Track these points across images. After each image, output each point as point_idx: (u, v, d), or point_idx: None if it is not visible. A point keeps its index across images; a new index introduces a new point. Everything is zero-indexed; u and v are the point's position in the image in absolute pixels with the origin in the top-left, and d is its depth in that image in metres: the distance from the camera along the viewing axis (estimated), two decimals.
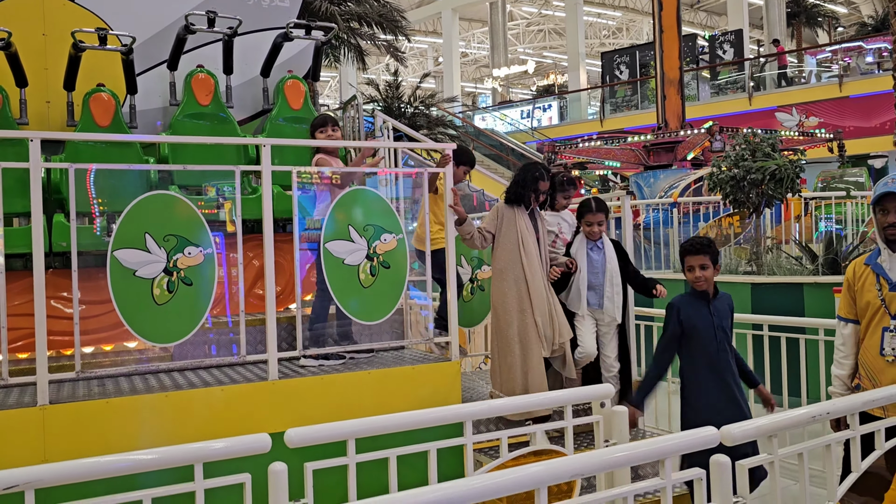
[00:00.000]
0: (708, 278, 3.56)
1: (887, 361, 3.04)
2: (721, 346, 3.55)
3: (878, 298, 3.09)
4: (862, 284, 3.20)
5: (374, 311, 4.12)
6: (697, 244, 3.58)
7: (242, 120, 5.50)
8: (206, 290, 3.66)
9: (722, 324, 3.59)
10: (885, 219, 3.08)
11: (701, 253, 3.55)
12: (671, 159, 13.93)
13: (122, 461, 1.98)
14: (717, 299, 3.64)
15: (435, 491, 1.76)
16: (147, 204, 3.60)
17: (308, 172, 4.43)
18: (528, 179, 4.39)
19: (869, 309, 3.14)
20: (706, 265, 3.53)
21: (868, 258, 3.24)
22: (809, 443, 2.39)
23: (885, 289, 3.08)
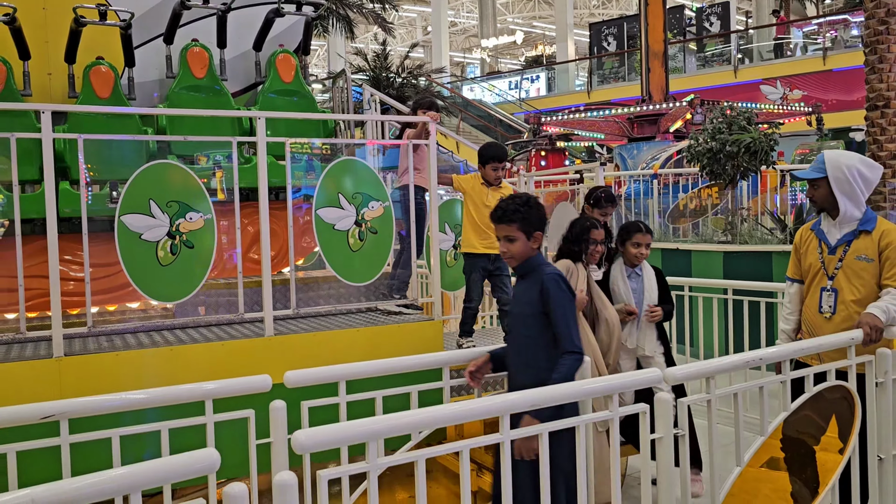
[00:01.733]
0: (514, 253, 2.92)
1: (825, 318, 3.38)
2: (514, 327, 3.02)
3: (819, 261, 3.43)
4: (806, 248, 3.55)
5: (363, 273, 4.43)
6: (499, 211, 2.93)
7: (236, 92, 5.73)
8: (206, 253, 3.95)
9: (516, 306, 3.04)
10: (808, 192, 3.54)
11: (503, 222, 2.91)
12: (654, 131, 14.23)
13: (144, 394, 2.28)
14: (526, 278, 2.98)
15: (417, 414, 2.09)
16: (151, 172, 3.87)
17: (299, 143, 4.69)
18: (578, 232, 4.00)
19: (811, 270, 3.48)
20: (512, 236, 2.89)
21: (813, 224, 3.58)
22: (743, 384, 2.72)
23: (825, 252, 3.42)
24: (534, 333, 2.87)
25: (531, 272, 2.93)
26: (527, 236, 2.89)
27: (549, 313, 2.81)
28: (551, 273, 2.88)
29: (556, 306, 2.80)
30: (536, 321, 2.84)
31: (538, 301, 2.84)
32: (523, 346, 2.90)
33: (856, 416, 3.06)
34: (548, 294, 2.82)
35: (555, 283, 2.83)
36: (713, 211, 10.22)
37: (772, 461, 3.39)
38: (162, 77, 5.54)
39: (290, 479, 1.81)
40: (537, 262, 2.95)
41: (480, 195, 4.73)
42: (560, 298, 2.81)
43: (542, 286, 2.83)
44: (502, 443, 2.15)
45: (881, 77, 9.01)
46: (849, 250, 3.35)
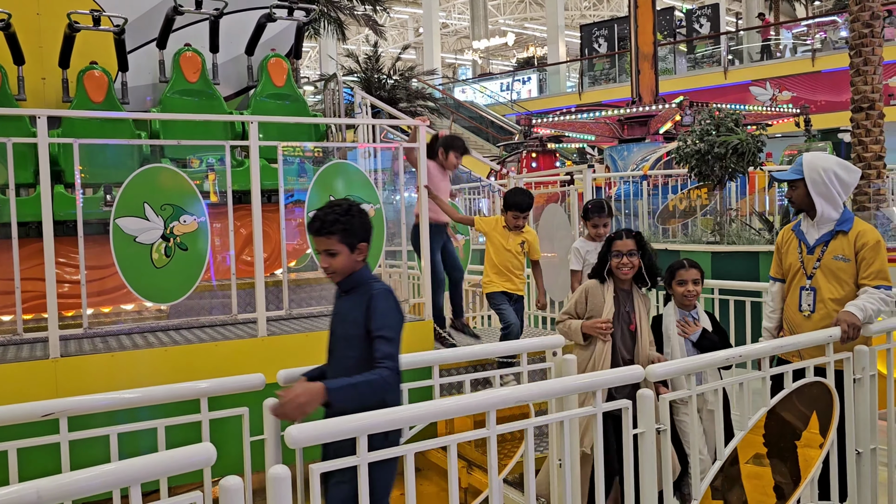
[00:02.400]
0: (336, 268, 2.61)
1: (804, 316, 3.47)
2: (338, 348, 2.72)
3: (798, 261, 3.52)
4: (787, 248, 3.64)
5: None
6: (317, 221, 2.61)
7: (228, 96, 5.79)
8: (200, 255, 4.02)
9: (339, 325, 2.71)
10: (786, 193, 3.66)
11: (321, 234, 2.59)
12: (644, 133, 14.34)
13: (140, 393, 2.35)
14: (351, 294, 2.66)
15: (407, 409, 2.16)
16: (145, 176, 3.93)
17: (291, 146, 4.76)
18: (603, 249, 3.68)
19: (791, 270, 3.57)
20: (332, 250, 2.58)
21: (795, 225, 3.67)
22: (725, 381, 2.80)
23: (804, 252, 3.51)
24: (361, 354, 2.57)
25: (356, 288, 2.64)
26: (350, 248, 2.60)
27: (370, 326, 2.53)
28: (381, 288, 2.60)
29: (379, 317, 2.52)
30: (364, 341, 2.57)
31: (363, 318, 2.56)
32: (349, 368, 2.57)
33: (834, 411, 3.15)
34: (374, 309, 2.54)
35: (383, 297, 2.57)
36: (702, 212, 10.33)
37: (756, 457, 3.48)
38: (155, 81, 5.59)
39: (284, 472, 1.88)
40: (364, 277, 2.65)
41: (501, 238, 4.80)
42: (386, 311, 2.54)
43: (368, 302, 2.55)
44: (489, 438, 2.23)
45: (866, 79, 9.14)
46: (826, 250, 3.43)
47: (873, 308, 3.27)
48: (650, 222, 10.89)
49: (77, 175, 3.85)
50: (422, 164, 4.66)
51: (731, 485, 3.03)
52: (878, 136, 9.32)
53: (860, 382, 3.21)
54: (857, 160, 9.35)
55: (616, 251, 3.50)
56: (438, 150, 5.13)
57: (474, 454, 4.16)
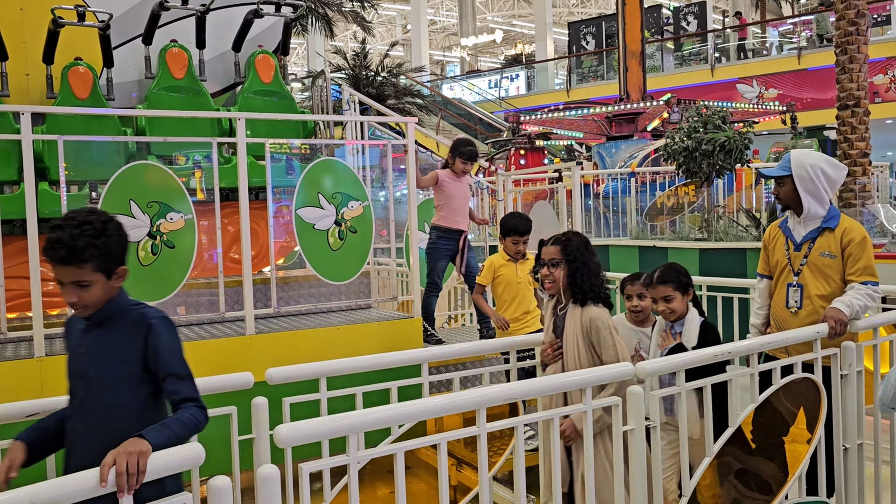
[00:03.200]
0: (89, 301, 2.09)
1: (791, 313, 3.48)
2: (90, 396, 2.14)
3: (785, 257, 3.53)
4: (774, 244, 3.65)
5: (343, 272, 4.48)
6: (62, 248, 2.01)
7: (215, 93, 5.75)
8: (187, 253, 3.98)
9: (92, 367, 2.14)
10: (773, 190, 3.66)
11: (71, 264, 2.03)
12: (632, 130, 14.37)
13: None
14: (107, 327, 2.15)
15: (396, 408, 2.15)
16: (131, 173, 3.90)
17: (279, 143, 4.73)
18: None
19: (778, 266, 3.58)
20: (85, 281, 2.04)
21: (781, 222, 3.68)
22: (713, 377, 2.81)
23: (791, 248, 3.52)
24: (126, 401, 2.11)
25: (113, 319, 2.13)
26: (107, 275, 2.09)
27: (156, 365, 2.09)
28: (157, 316, 2.14)
29: (167, 353, 2.10)
30: (132, 384, 2.11)
31: (137, 355, 2.10)
32: (106, 420, 2.08)
33: (822, 407, 3.16)
34: (158, 344, 2.09)
35: (165, 328, 2.13)
36: (689, 209, 10.36)
37: None
38: (141, 77, 5.55)
39: (273, 471, 1.87)
40: (123, 305, 2.15)
41: (509, 272, 4.67)
42: (172, 345, 2.13)
43: (146, 336, 2.09)
44: (479, 436, 2.22)
45: (851, 77, 9.20)
46: (813, 247, 3.45)
47: (860, 304, 3.29)
48: (638, 219, 10.92)
49: (62, 172, 3.80)
50: (410, 164, 4.65)
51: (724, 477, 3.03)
52: (864, 134, 9.38)
53: (847, 378, 3.23)
54: (843, 157, 9.41)
55: (541, 261, 3.08)
56: (447, 156, 5.09)
57: (464, 452, 4.16)
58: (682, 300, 3.30)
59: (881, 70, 18.95)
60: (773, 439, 3.26)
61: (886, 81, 19.20)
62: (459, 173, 5.05)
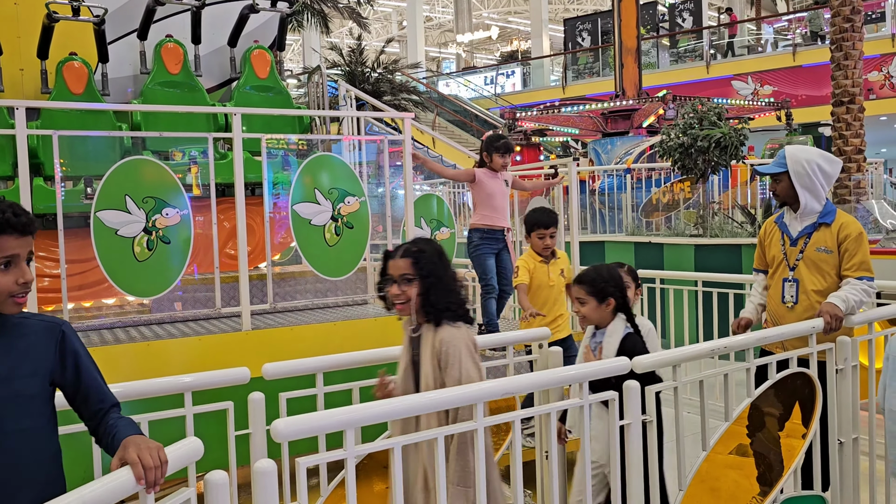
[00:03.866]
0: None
1: (787, 308, 3.50)
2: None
3: (781, 252, 3.54)
4: (770, 240, 3.66)
5: (339, 268, 4.48)
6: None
7: (211, 88, 5.74)
8: (182, 248, 3.97)
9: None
10: (769, 187, 3.64)
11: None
12: (628, 126, 14.40)
13: (121, 388, 2.31)
14: (5, 338, 1.79)
15: (392, 403, 2.15)
16: (126, 168, 3.88)
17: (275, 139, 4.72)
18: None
19: (774, 261, 3.59)
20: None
21: (777, 217, 3.69)
22: (709, 372, 2.82)
23: (787, 244, 3.53)
24: (41, 422, 1.84)
25: (8, 328, 1.80)
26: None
27: (75, 377, 1.87)
28: (63, 321, 1.90)
29: (89, 360, 1.91)
30: (46, 401, 1.86)
31: (56, 368, 1.84)
32: (13, 449, 1.77)
33: (817, 401, 3.17)
34: (76, 349, 1.88)
35: (75, 335, 1.91)
36: (685, 205, 10.38)
37: (740, 447, 3.51)
38: (136, 73, 5.53)
39: (270, 466, 1.86)
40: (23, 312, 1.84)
41: (541, 276, 4.47)
42: (85, 351, 1.91)
43: (61, 346, 1.85)
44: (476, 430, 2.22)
45: (846, 73, 9.21)
46: (809, 242, 3.46)
47: (855, 299, 3.30)
48: (633, 216, 10.94)
49: (57, 167, 3.78)
50: (407, 159, 4.65)
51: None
52: (859, 130, 9.40)
53: (842, 373, 3.24)
54: (838, 153, 9.43)
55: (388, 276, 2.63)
56: (482, 154, 4.91)
57: None
58: (598, 308, 3.01)
59: (876, 67, 18.99)
60: (768, 435, 3.27)
61: (881, 78, 19.25)
62: (499, 168, 4.86)
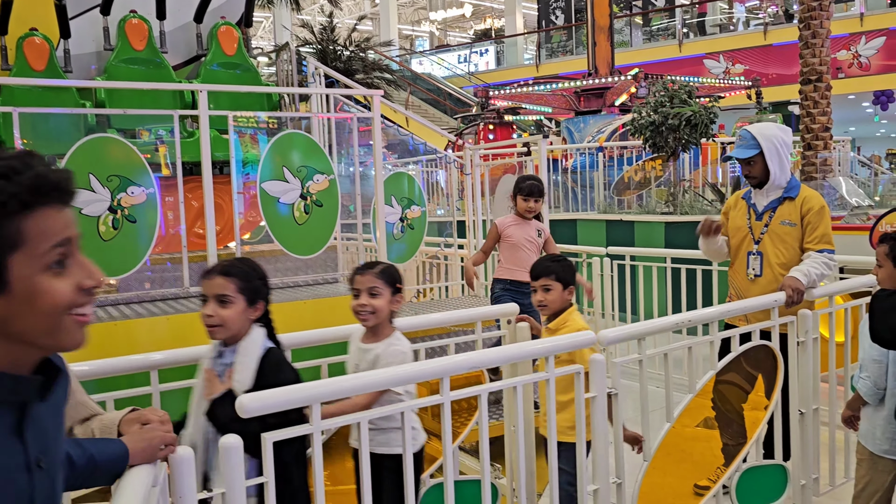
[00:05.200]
0: None
1: (750, 280, 3.56)
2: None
3: (747, 226, 3.60)
4: (736, 211, 3.72)
5: (309, 246, 4.46)
6: None
7: (177, 65, 5.64)
8: (149, 228, 3.93)
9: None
10: (742, 171, 3.66)
11: None
12: (600, 105, 14.43)
13: (90, 366, 2.30)
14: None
15: (358, 378, 2.16)
16: (89, 146, 3.82)
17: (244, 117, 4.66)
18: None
19: (738, 234, 3.65)
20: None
21: (745, 193, 3.74)
22: (673, 345, 2.87)
23: (753, 218, 3.59)
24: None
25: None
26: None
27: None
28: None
29: None
30: None
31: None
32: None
33: (778, 373, 3.25)
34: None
35: None
36: (656, 183, 10.46)
37: (706, 421, 3.58)
38: (100, 49, 5.42)
39: (235, 441, 1.87)
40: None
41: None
42: None
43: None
44: (442, 404, 2.24)
45: (814, 52, 9.31)
46: (774, 216, 3.52)
47: (817, 273, 3.37)
48: (606, 194, 11.01)
49: (18, 145, 3.71)
50: (377, 136, 4.62)
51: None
52: (826, 108, 9.52)
53: (803, 345, 3.31)
54: (805, 132, 9.56)
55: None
56: (517, 198, 4.61)
57: (430, 423, 4.18)
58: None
59: (844, 46, 19.21)
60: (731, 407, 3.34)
61: (849, 57, 19.48)
62: (524, 213, 4.55)
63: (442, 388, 2.23)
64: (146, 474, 1.48)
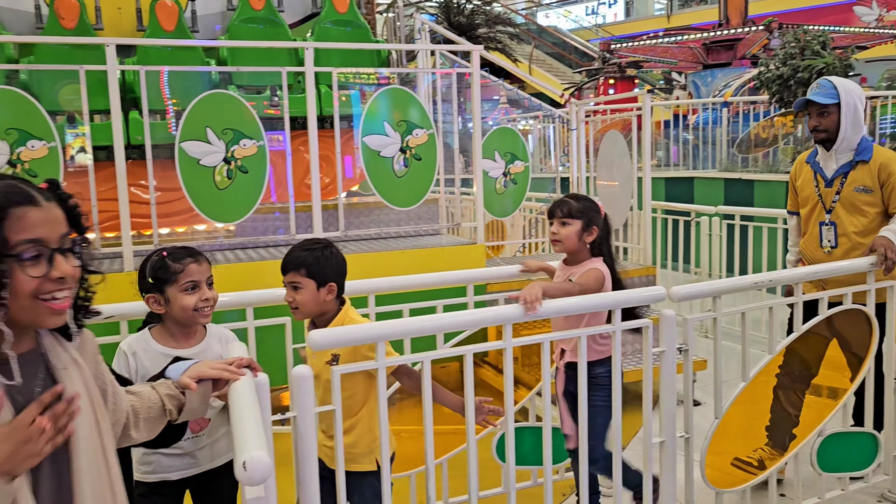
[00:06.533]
0: None
1: (825, 252, 3.33)
2: None
3: (816, 194, 3.36)
4: (803, 180, 3.47)
5: (407, 198, 4.64)
6: None
7: (293, 23, 5.92)
8: (259, 178, 4.23)
9: None
10: (810, 123, 3.35)
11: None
12: (730, 57, 13.70)
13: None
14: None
15: (424, 320, 2.32)
16: (207, 102, 4.14)
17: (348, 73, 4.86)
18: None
19: (808, 203, 3.41)
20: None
21: (809, 156, 3.48)
22: (752, 304, 2.82)
23: (821, 185, 3.35)
24: None
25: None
26: None
27: None
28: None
29: None
30: None
31: None
32: None
33: (872, 340, 3.11)
34: None
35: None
36: (784, 140, 9.90)
37: None
38: (223, 9, 5.78)
39: (306, 371, 2.07)
40: None
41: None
42: None
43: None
44: (504, 349, 2.35)
45: None
46: (846, 182, 3.27)
47: None
48: (730, 151, 10.54)
49: (144, 99, 4.10)
50: (476, 92, 4.70)
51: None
52: None
53: None
54: None
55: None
56: None
57: (519, 372, 4.32)
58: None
59: None
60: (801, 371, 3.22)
61: None
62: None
63: (504, 334, 2.34)
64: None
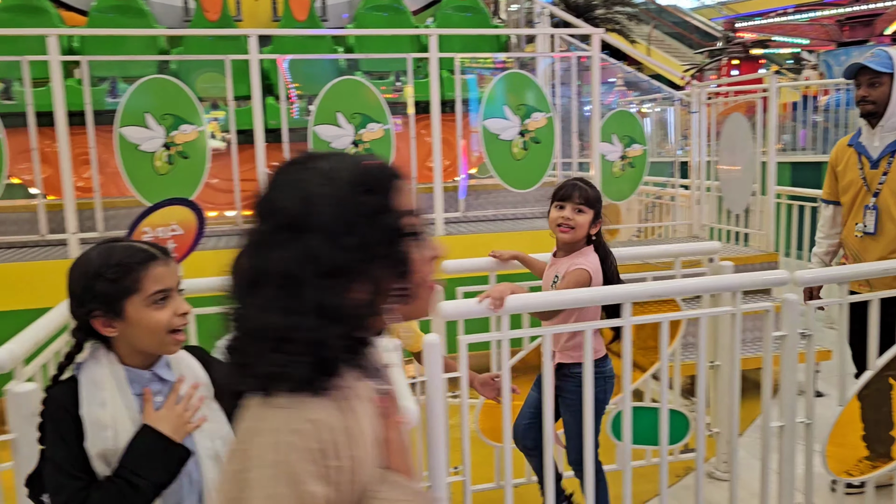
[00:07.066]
0: None
1: (872, 238, 3.12)
2: None
3: (860, 177, 3.16)
4: (845, 165, 3.27)
5: (526, 180, 4.74)
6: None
7: (416, 10, 6.12)
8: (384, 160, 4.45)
9: None
10: (858, 93, 3.14)
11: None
12: (868, 34, 12.88)
13: None
14: None
15: (543, 296, 2.43)
16: (336, 88, 4.40)
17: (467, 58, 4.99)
18: None
19: (851, 188, 3.21)
20: None
21: (851, 139, 3.28)
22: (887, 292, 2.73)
23: (867, 167, 3.14)
24: None
25: None
26: None
27: None
28: None
29: None
30: None
31: None
32: None
33: None
34: None
35: None
36: None
37: None
38: None
39: (435, 339, 2.23)
40: None
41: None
42: None
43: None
44: (623, 327, 2.43)
45: None
46: (893, 161, 3.06)
47: None
48: None
49: (282, 88, 4.38)
50: (595, 76, 4.73)
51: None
52: None
53: None
54: None
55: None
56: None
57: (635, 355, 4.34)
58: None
59: None
60: None
61: None
62: (554, 229, 2.57)
63: (623, 312, 2.42)
64: None
